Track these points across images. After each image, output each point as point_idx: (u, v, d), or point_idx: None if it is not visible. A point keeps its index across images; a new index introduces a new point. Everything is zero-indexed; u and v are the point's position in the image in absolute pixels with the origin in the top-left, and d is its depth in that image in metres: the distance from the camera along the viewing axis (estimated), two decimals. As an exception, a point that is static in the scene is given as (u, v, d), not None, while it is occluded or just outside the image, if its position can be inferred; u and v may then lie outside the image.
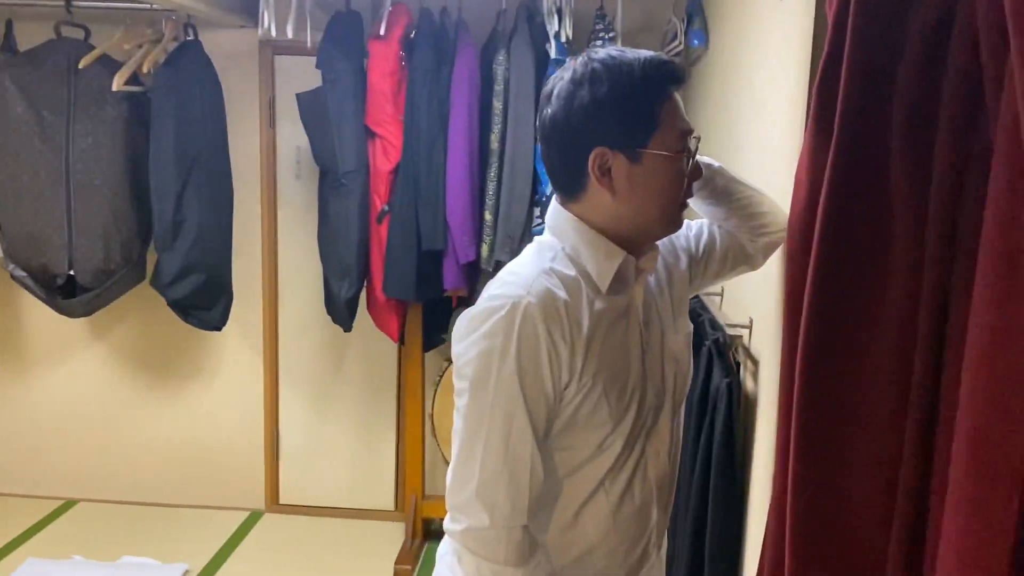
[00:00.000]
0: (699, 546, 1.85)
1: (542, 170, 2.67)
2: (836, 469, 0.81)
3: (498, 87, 2.65)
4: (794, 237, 0.94)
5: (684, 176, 1.27)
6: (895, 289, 0.76)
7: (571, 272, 1.28)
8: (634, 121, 1.23)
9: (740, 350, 1.81)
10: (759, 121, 1.77)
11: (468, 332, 1.26)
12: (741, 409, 1.79)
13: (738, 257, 1.53)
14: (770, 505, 1.14)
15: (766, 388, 1.71)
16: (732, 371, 1.77)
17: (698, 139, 1.29)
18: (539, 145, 1.34)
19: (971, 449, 0.63)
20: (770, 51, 1.77)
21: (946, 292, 0.73)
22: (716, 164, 1.49)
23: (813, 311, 0.80)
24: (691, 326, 1.48)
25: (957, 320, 0.71)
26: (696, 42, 2.55)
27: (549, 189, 2.59)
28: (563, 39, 2.62)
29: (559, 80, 1.29)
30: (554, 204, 1.36)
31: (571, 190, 1.31)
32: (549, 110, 1.28)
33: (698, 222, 1.56)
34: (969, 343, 0.65)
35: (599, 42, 2.60)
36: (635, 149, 1.24)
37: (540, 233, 2.66)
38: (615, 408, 1.29)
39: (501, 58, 2.64)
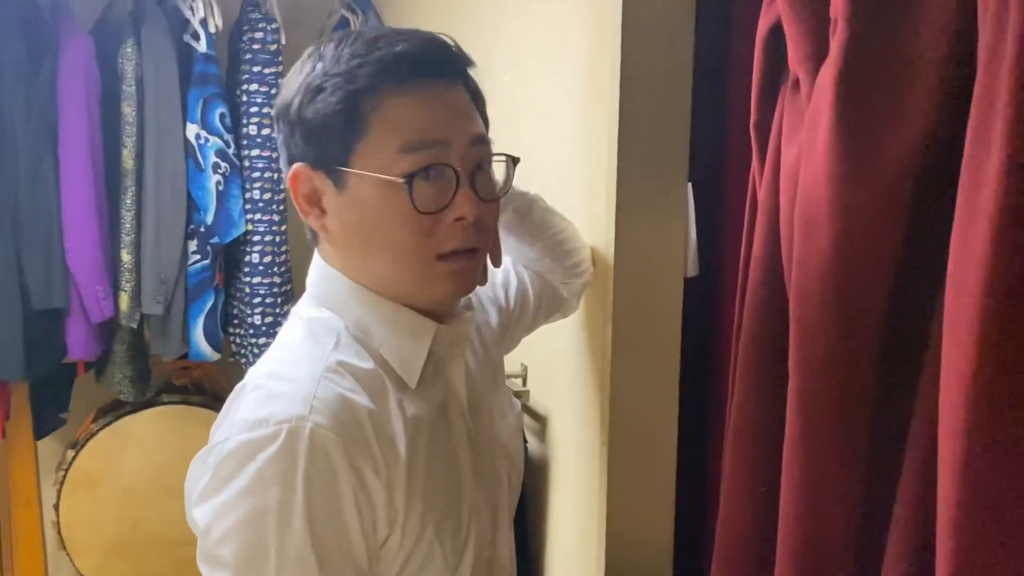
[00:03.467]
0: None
1: (199, 193, 2.10)
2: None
3: (128, 88, 2.02)
4: (820, 285, 0.66)
5: (419, 212, 0.83)
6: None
7: (367, 364, 0.85)
8: (330, 124, 0.82)
9: (522, 407, 1.52)
10: (532, 136, 1.48)
11: (217, 486, 0.77)
12: (530, 474, 1.49)
13: (552, 304, 1.23)
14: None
15: (561, 448, 1.44)
16: (522, 434, 1.47)
17: (478, 161, 0.87)
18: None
19: None
20: (529, 50, 1.49)
21: None
22: (532, 193, 1.16)
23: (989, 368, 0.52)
24: (518, 402, 1.14)
25: None
26: (375, 39, 2.20)
27: (210, 217, 2.05)
28: (212, 29, 2.08)
29: None
30: (318, 262, 0.93)
31: (312, 231, 0.92)
32: None
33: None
34: None
35: (259, 33, 2.10)
36: (335, 168, 0.84)
37: (201, 272, 2.13)
38: (451, 553, 0.88)
39: (129, 50, 2.01)
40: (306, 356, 0.85)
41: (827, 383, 0.65)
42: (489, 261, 1.02)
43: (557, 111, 1.38)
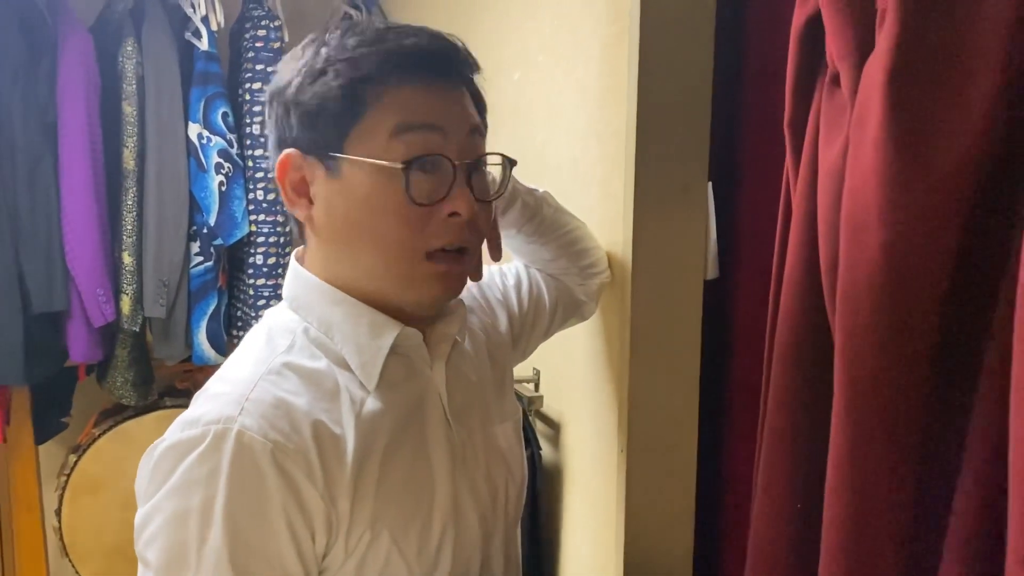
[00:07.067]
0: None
1: (201, 194, 2.06)
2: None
3: (128, 86, 1.98)
4: (870, 293, 0.62)
5: (413, 203, 0.80)
6: None
7: (318, 364, 0.83)
8: (326, 108, 0.79)
9: (535, 412, 1.48)
10: (545, 133, 1.44)
11: (151, 488, 0.76)
12: (543, 482, 1.46)
13: (569, 307, 1.19)
14: None
15: (576, 454, 1.40)
16: (533, 440, 1.43)
17: (476, 158, 0.84)
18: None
19: None
20: (539, 46, 1.45)
21: None
22: (541, 191, 1.13)
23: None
24: (519, 408, 1.10)
25: None
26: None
27: (213, 219, 2.01)
28: (214, 27, 2.04)
29: None
30: (292, 265, 0.90)
31: (299, 225, 0.89)
32: None
33: (512, 266, 1.19)
34: None
35: (262, 31, 2.06)
36: (328, 154, 0.80)
37: (204, 274, 2.10)
38: (417, 562, 0.84)
39: (129, 48, 1.97)
40: (253, 359, 0.83)
41: (877, 396, 0.61)
42: (487, 255, 0.99)
43: (571, 108, 1.34)
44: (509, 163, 0.90)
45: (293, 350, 0.84)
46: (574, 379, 1.38)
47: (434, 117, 0.81)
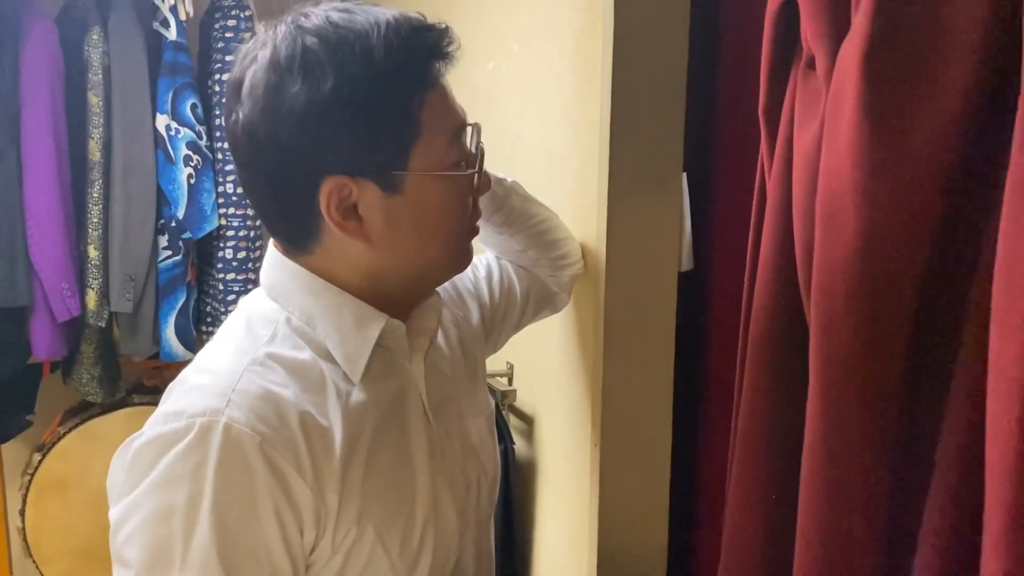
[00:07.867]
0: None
1: (169, 187, 2.03)
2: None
3: (94, 77, 1.94)
4: (845, 278, 0.62)
5: (469, 194, 0.85)
6: None
7: (303, 355, 0.80)
8: (383, 131, 0.76)
9: (508, 407, 1.47)
10: (519, 123, 1.43)
11: (129, 483, 0.73)
12: (517, 477, 1.44)
13: (541, 299, 1.17)
14: None
15: (549, 449, 1.38)
16: (507, 435, 1.42)
17: (477, 130, 0.86)
18: (236, 167, 0.84)
19: None
20: (513, 34, 1.43)
21: None
22: (509, 180, 1.11)
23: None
24: (492, 402, 1.09)
25: None
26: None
27: (181, 212, 1.98)
28: (182, 16, 2.01)
29: (251, 62, 0.76)
30: (272, 252, 0.86)
31: (297, 238, 0.82)
32: (241, 114, 0.76)
33: (483, 257, 1.17)
34: None
35: (232, 21, 2.03)
36: (390, 173, 0.78)
37: (172, 268, 2.06)
38: (399, 558, 0.83)
39: (95, 38, 1.93)
40: (235, 348, 0.80)
41: (853, 382, 0.61)
42: None
43: (544, 98, 1.33)
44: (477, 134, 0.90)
45: (276, 340, 0.81)
46: (548, 373, 1.36)
47: (461, 113, 0.83)
